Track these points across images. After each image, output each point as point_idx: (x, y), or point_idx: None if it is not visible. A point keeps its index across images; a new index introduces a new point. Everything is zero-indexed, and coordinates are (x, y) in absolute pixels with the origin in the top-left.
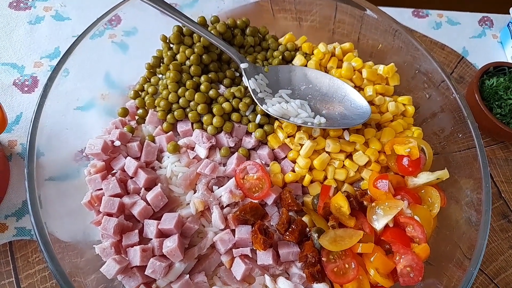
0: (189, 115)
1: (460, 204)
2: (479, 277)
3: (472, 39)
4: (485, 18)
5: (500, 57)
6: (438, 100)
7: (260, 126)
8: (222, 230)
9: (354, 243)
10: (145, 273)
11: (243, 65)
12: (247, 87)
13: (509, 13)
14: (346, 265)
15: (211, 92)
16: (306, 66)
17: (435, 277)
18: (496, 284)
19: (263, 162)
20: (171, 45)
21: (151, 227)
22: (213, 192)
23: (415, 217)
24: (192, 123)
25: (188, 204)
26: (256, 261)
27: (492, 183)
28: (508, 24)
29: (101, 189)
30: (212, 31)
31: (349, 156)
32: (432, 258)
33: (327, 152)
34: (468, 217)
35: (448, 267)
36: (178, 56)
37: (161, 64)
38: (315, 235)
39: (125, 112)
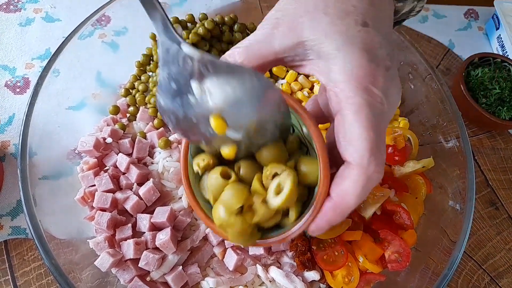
0: None
1: (447, 192)
2: (468, 263)
3: (458, 31)
4: (471, 11)
5: (486, 49)
6: (422, 90)
7: None
8: None
9: (343, 231)
10: (139, 265)
11: None
12: None
13: (493, 6)
14: (336, 253)
15: None
16: None
17: (422, 262)
18: (485, 270)
19: None
20: None
21: (144, 221)
22: None
23: (402, 204)
24: None
25: (180, 198)
26: (248, 252)
27: (480, 172)
28: (493, 16)
29: (94, 185)
30: (200, 28)
31: None
32: (420, 244)
33: None
34: (454, 204)
35: (435, 252)
36: None
37: (151, 62)
38: None
39: (116, 110)
